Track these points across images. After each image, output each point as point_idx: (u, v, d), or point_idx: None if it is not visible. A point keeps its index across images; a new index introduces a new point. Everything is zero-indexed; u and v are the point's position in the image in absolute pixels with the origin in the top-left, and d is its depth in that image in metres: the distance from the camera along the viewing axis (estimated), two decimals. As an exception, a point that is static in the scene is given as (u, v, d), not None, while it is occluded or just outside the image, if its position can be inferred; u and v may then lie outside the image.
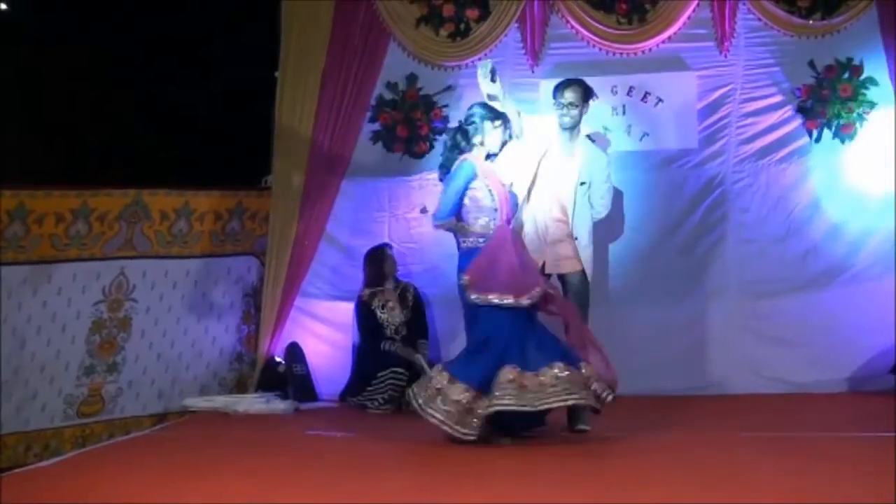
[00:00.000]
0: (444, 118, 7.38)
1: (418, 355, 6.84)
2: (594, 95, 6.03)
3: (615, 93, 7.17)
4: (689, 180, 7.19)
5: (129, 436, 6.24)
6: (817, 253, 7.03)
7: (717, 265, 7.11)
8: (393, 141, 7.44)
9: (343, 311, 7.24)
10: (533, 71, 7.24)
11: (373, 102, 7.45)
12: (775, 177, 7.12)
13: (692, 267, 7.11)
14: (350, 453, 5.31)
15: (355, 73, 7.38)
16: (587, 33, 7.22)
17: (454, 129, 5.76)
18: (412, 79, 7.44)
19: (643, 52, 7.22)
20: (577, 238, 5.87)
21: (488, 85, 5.68)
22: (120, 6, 7.30)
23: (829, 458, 4.64)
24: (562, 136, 5.97)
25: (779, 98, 7.14)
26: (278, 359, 7.19)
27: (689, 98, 7.20)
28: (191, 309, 7.14)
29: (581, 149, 6.02)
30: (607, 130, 7.07)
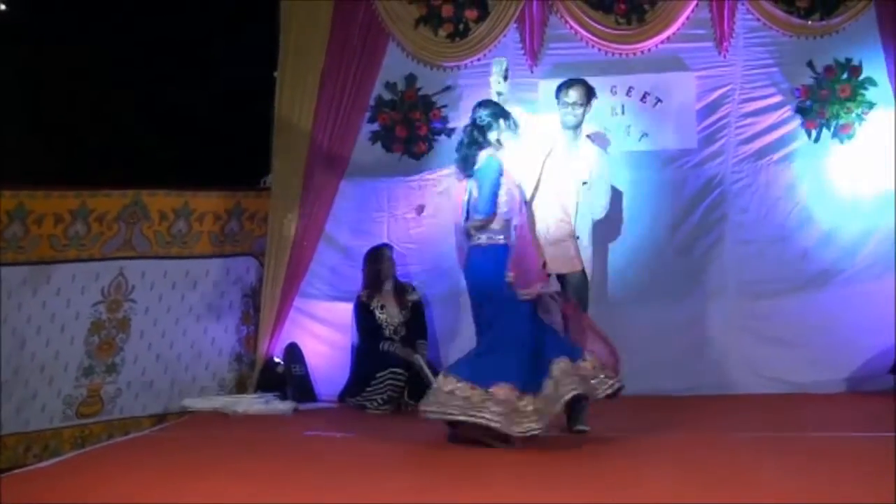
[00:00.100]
0: (443, 118, 7.39)
1: (417, 356, 6.85)
2: (596, 95, 6.04)
3: (614, 93, 7.17)
4: (689, 180, 7.20)
5: (129, 436, 6.24)
6: (816, 253, 7.03)
7: (716, 265, 7.12)
8: (392, 141, 7.44)
9: (342, 312, 7.23)
10: (532, 71, 7.24)
11: (372, 103, 7.45)
12: (774, 177, 7.13)
13: (691, 267, 7.11)
14: (349, 454, 5.31)
15: (354, 74, 7.38)
16: (586, 34, 7.22)
17: (470, 125, 5.60)
18: (411, 79, 7.44)
19: (642, 53, 7.22)
20: (579, 237, 5.87)
21: (500, 83, 5.67)
22: (119, 6, 7.30)
23: (829, 458, 4.65)
24: (565, 136, 5.97)
25: (778, 98, 7.15)
26: (277, 359, 7.19)
27: (688, 98, 7.20)
28: (190, 309, 7.13)
29: (583, 148, 6.02)
30: (607, 131, 7.08)
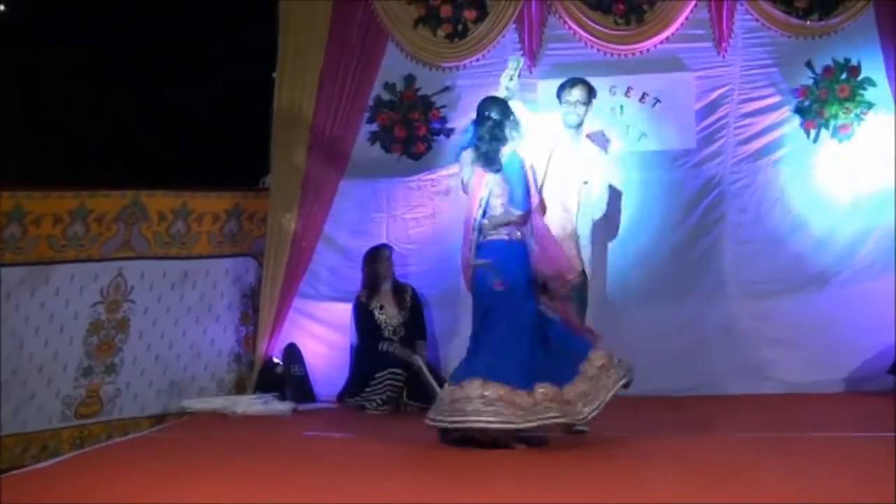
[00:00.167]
0: (442, 119, 7.39)
1: (416, 356, 6.85)
2: (596, 94, 6.04)
3: (613, 93, 7.17)
4: (687, 181, 7.20)
5: (128, 437, 6.23)
6: (815, 253, 7.03)
7: (715, 265, 7.12)
8: (391, 142, 7.44)
9: (341, 312, 7.23)
10: (531, 72, 7.22)
11: (371, 103, 7.45)
12: (773, 177, 7.13)
13: (690, 267, 7.11)
14: (348, 454, 5.31)
15: (353, 74, 7.38)
16: (585, 34, 7.23)
17: (489, 121, 5.44)
18: (410, 79, 7.44)
19: (641, 53, 7.23)
20: (580, 237, 5.86)
21: (512, 80, 5.63)
22: (118, 7, 7.29)
23: (829, 458, 4.64)
24: (566, 135, 5.96)
25: (777, 98, 7.15)
26: (276, 360, 7.18)
27: (687, 99, 7.20)
28: (189, 310, 7.13)
29: (584, 148, 6.02)
30: (606, 131, 7.07)
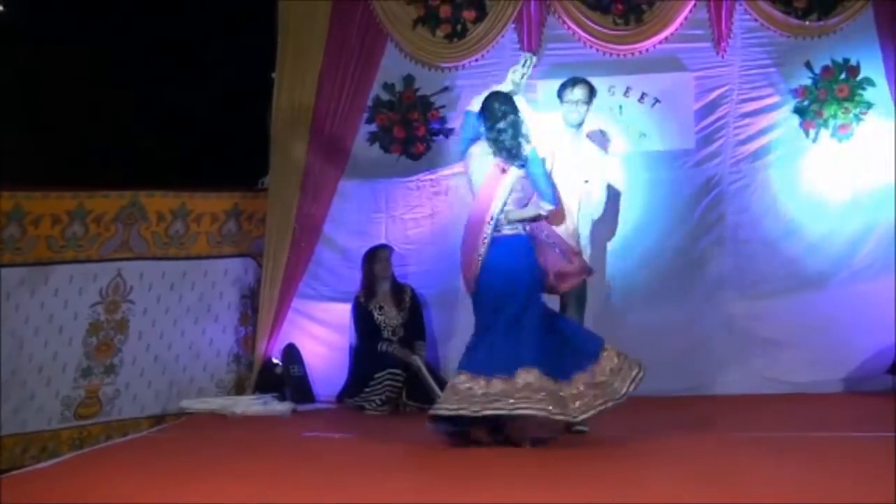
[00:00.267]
0: (442, 119, 7.39)
1: (415, 356, 6.86)
2: (596, 94, 6.04)
3: (612, 93, 7.16)
4: (687, 181, 7.20)
5: (127, 437, 6.23)
6: (814, 253, 7.04)
7: (715, 266, 7.12)
8: (390, 142, 7.43)
9: (340, 313, 7.22)
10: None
11: (370, 103, 7.44)
12: (772, 177, 7.13)
13: (689, 267, 7.12)
14: (348, 454, 5.30)
15: (352, 74, 7.38)
16: (584, 34, 7.22)
17: (509, 115, 5.38)
18: (409, 80, 7.44)
19: (640, 53, 7.22)
20: (580, 236, 5.86)
21: (522, 78, 5.63)
22: (118, 7, 7.29)
23: (829, 458, 4.64)
24: (567, 134, 5.95)
25: (776, 99, 7.15)
26: (275, 360, 7.18)
27: (686, 99, 7.20)
28: (188, 310, 7.12)
29: (584, 147, 6.02)
30: (605, 131, 7.07)
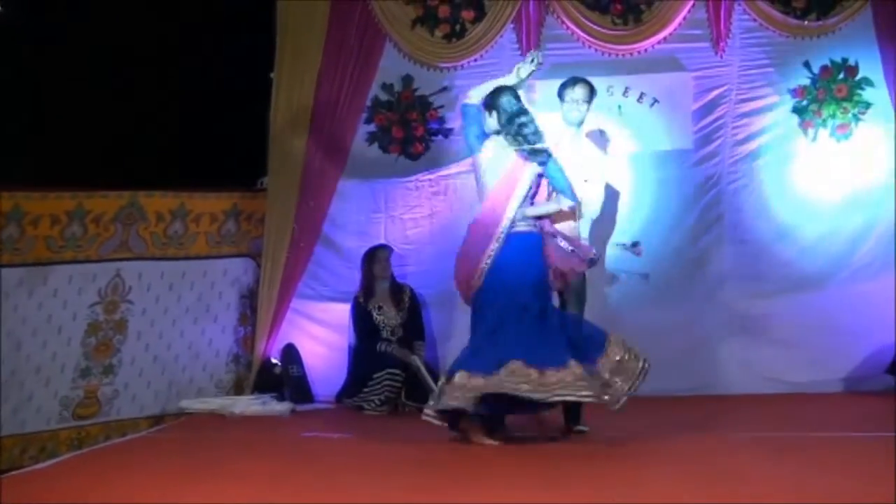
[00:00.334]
0: (440, 119, 7.39)
1: (414, 356, 6.86)
2: (596, 94, 6.04)
3: (611, 93, 7.15)
4: (685, 181, 7.20)
5: (126, 438, 6.21)
6: (813, 253, 7.04)
7: (713, 265, 7.12)
8: (389, 142, 7.43)
9: (339, 313, 7.22)
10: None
11: (368, 103, 7.44)
12: (771, 177, 7.14)
13: (688, 267, 7.12)
14: (347, 455, 5.30)
15: (351, 74, 7.37)
16: (582, 34, 7.23)
17: (527, 113, 5.41)
18: (408, 80, 7.44)
19: (639, 53, 7.23)
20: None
21: (529, 73, 5.62)
22: (117, 7, 7.28)
23: (829, 458, 4.64)
24: (567, 134, 5.95)
25: (774, 98, 7.16)
26: (275, 360, 7.18)
27: (685, 99, 7.21)
28: (187, 311, 7.12)
29: (583, 146, 6.02)
30: (603, 131, 7.07)
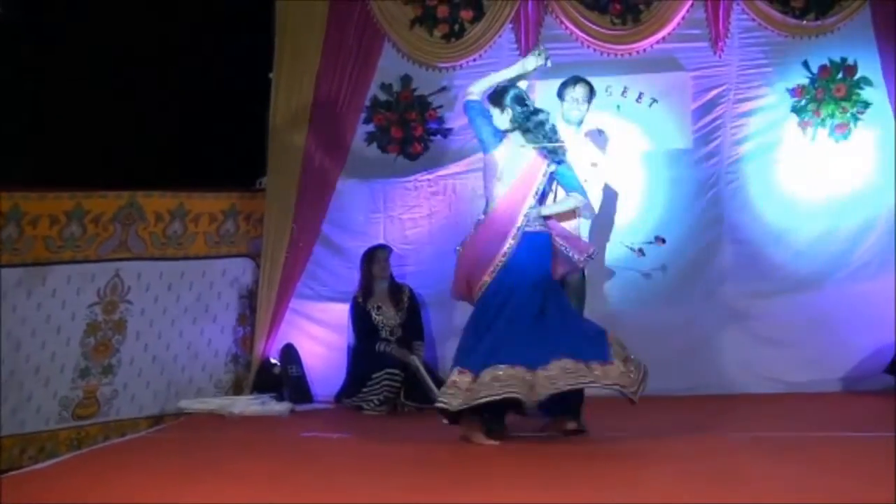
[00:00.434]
0: (439, 119, 7.39)
1: (413, 356, 6.85)
2: (595, 94, 6.04)
3: (609, 93, 7.15)
4: (684, 180, 7.20)
5: (125, 438, 6.21)
6: (812, 253, 7.04)
7: (712, 265, 7.12)
8: (388, 142, 7.43)
9: (338, 313, 7.22)
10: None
11: (367, 103, 7.45)
12: (770, 177, 7.14)
13: (687, 267, 7.10)
14: (346, 454, 5.31)
15: (350, 75, 7.38)
16: (581, 34, 7.23)
17: (544, 111, 5.45)
18: (406, 80, 7.44)
19: (637, 53, 7.23)
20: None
21: (537, 65, 5.62)
22: (117, 7, 7.27)
23: (829, 458, 4.63)
24: (568, 133, 5.93)
25: (773, 98, 7.16)
26: (274, 360, 7.18)
27: (684, 98, 7.21)
28: (186, 311, 7.12)
29: (582, 146, 6.01)
30: (601, 131, 7.07)
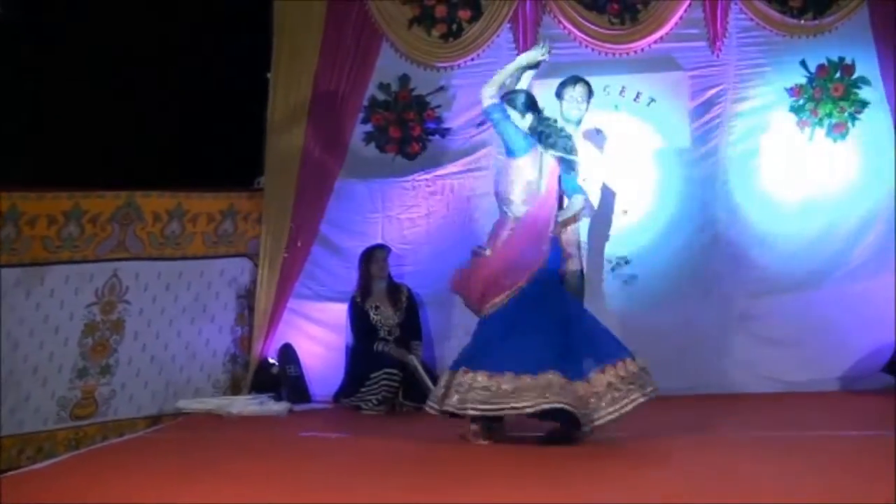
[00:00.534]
0: (437, 119, 7.39)
1: (411, 356, 6.85)
2: (593, 94, 6.05)
3: (608, 93, 7.16)
4: (682, 180, 7.20)
5: (123, 438, 6.22)
6: (810, 252, 7.04)
7: (711, 265, 7.11)
8: (386, 142, 7.43)
9: (336, 313, 7.22)
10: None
11: (365, 103, 7.45)
12: (768, 176, 7.14)
13: (686, 267, 7.11)
14: (344, 454, 5.30)
15: (348, 74, 7.38)
16: (579, 34, 7.23)
17: (551, 117, 5.50)
18: (405, 79, 7.44)
19: (635, 52, 7.24)
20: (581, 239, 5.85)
21: (539, 58, 5.62)
22: (117, 7, 7.27)
23: (828, 457, 4.64)
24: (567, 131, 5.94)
25: (771, 97, 7.16)
26: (272, 360, 7.18)
27: (682, 98, 7.21)
28: (184, 311, 7.11)
29: (580, 146, 6.01)
30: (600, 131, 7.08)
